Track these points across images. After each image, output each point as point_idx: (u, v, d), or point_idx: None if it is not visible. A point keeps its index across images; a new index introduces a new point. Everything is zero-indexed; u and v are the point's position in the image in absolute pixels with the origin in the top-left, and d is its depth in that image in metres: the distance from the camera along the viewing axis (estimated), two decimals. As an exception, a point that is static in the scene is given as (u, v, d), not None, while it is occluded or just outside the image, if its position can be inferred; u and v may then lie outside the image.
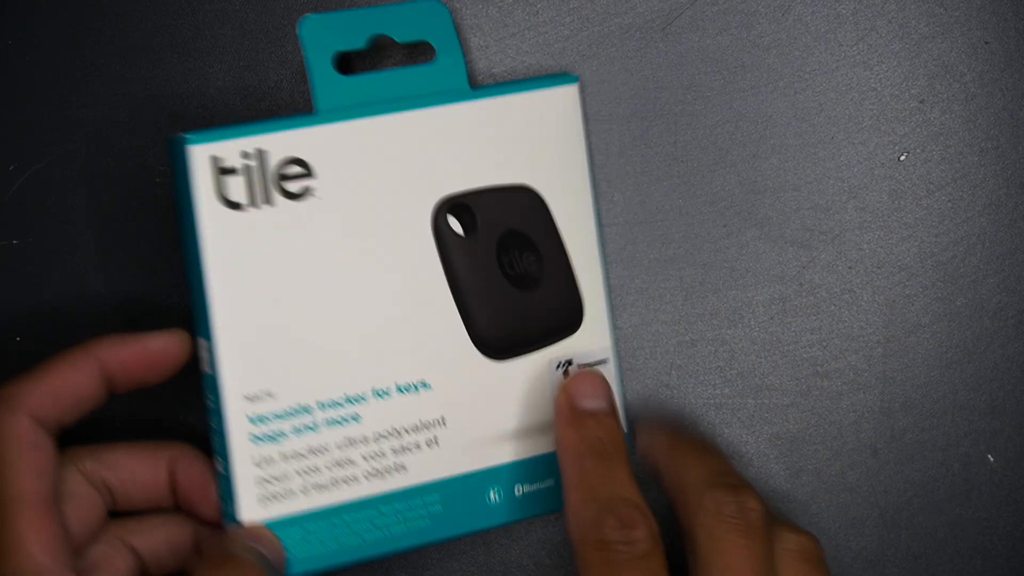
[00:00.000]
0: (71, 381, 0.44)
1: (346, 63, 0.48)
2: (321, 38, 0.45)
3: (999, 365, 0.50)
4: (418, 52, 0.49)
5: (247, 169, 0.44)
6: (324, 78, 0.46)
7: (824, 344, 0.50)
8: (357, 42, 0.46)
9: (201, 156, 0.44)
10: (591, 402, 0.46)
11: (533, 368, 0.47)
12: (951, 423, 0.50)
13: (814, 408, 0.50)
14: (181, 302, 0.50)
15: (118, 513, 0.46)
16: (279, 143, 0.44)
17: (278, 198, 0.44)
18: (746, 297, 0.50)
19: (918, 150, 0.50)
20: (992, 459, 0.50)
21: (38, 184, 0.50)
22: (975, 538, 0.50)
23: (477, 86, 0.48)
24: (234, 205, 0.44)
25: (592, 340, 0.47)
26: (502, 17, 0.50)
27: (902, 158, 0.50)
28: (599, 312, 0.47)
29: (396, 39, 0.46)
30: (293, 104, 0.50)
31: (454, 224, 0.46)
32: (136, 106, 0.50)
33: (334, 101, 0.46)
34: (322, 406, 0.44)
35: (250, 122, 0.45)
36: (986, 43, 0.50)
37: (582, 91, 0.49)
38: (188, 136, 0.44)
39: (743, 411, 0.50)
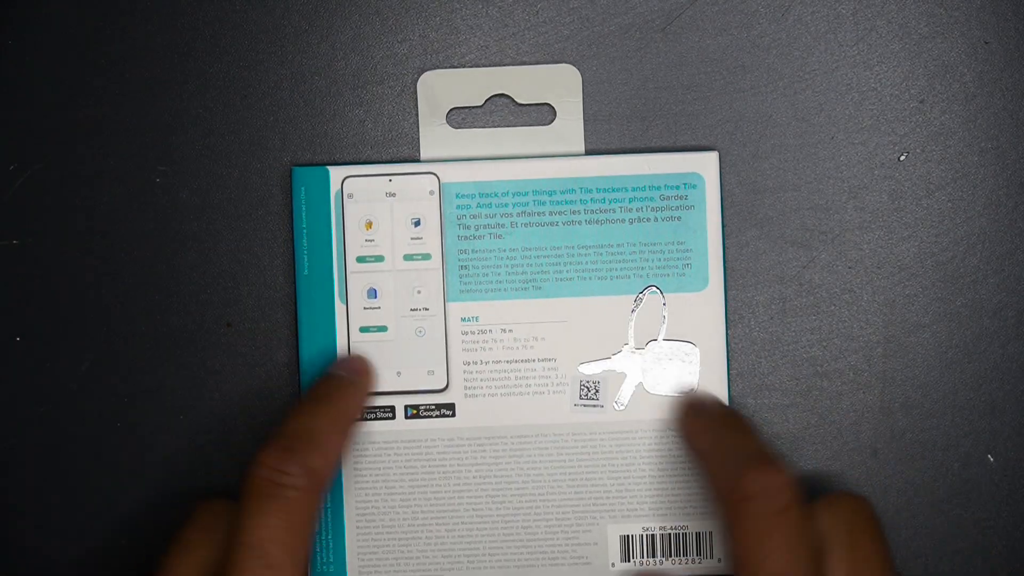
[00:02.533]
0: (342, 452, 0.47)
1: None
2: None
3: (999, 365, 0.51)
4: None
5: None
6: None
7: (824, 344, 0.50)
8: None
9: None
10: (703, 398, 0.49)
11: None
12: (951, 423, 0.51)
13: (814, 408, 0.50)
14: (180, 300, 0.50)
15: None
16: None
17: None
18: (746, 297, 0.50)
19: (918, 150, 0.50)
20: (992, 459, 0.51)
21: (38, 184, 0.50)
22: (975, 538, 0.51)
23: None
24: None
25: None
26: (502, 17, 0.50)
27: (902, 158, 0.50)
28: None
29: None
30: (293, 105, 0.50)
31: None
32: (136, 106, 0.50)
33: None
34: None
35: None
36: (986, 43, 0.50)
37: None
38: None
39: (743, 411, 0.50)
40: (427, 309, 0.49)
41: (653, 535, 0.50)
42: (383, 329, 0.50)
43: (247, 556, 0.42)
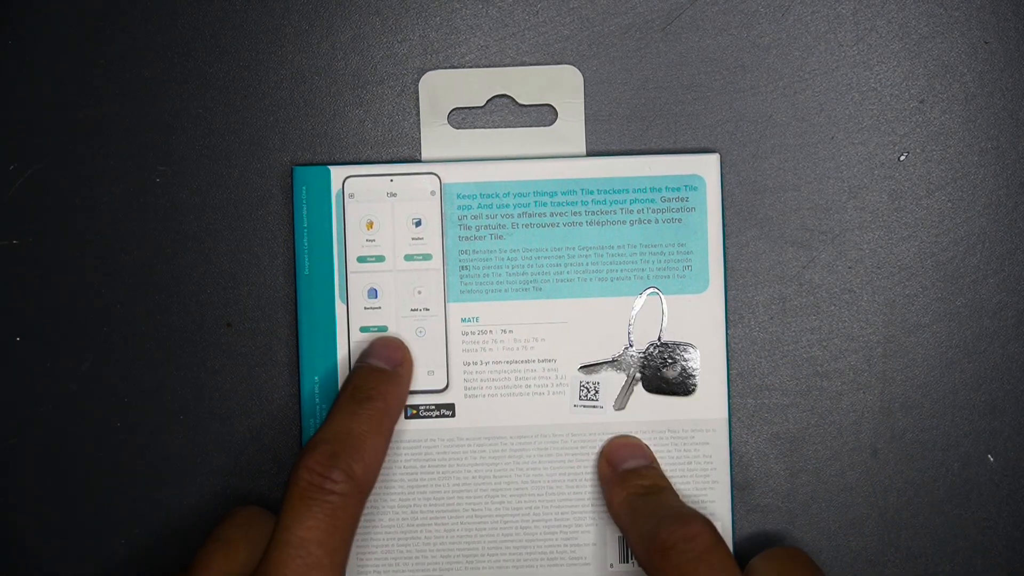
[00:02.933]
0: (384, 454, 0.46)
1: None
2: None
3: (999, 365, 0.51)
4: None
5: None
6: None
7: (824, 344, 0.50)
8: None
9: None
10: (632, 463, 0.49)
11: None
12: (951, 423, 0.51)
13: (814, 408, 0.50)
14: (180, 300, 0.50)
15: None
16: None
17: None
18: (746, 297, 0.50)
19: (918, 150, 0.50)
20: (992, 459, 0.51)
21: (38, 184, 0.50)
22: (975, 538, 0.51)
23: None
24: None
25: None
26: (502, 17, 0.50)
27: (902, 158, 0.50)
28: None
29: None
30: (293, 105, 0.50)
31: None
32: (136, 106, 0.50)
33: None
34: None
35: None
36: (986, 43, 0.50)
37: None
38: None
39: (743, 411, 0.50)
40: (427, 309, 0.49)
41: None
42: (383, 329, 0.50)
43: (289, 554, 0.42)
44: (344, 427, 0.45)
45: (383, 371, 0.48)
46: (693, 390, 0.50)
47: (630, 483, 0.48)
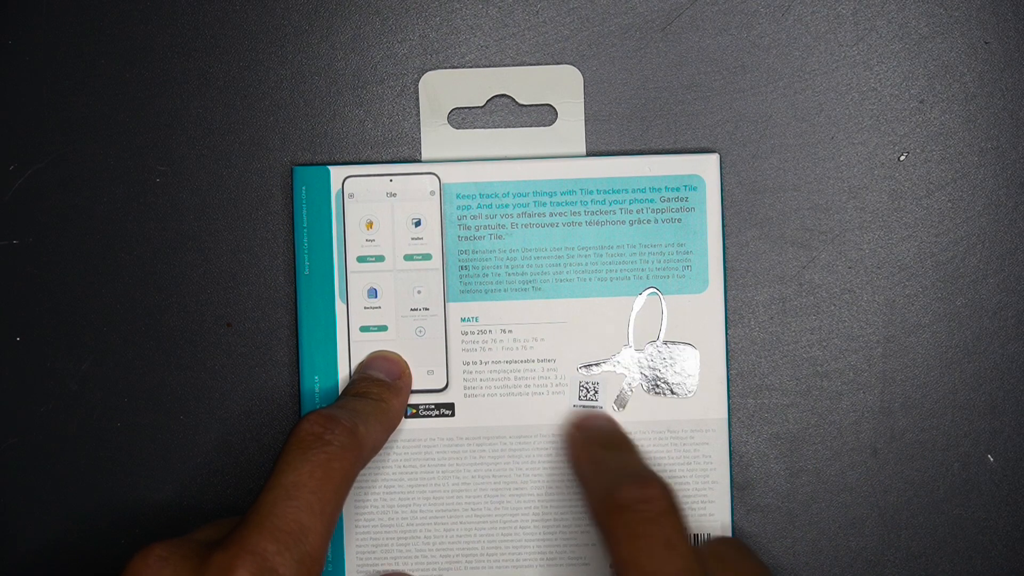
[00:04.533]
0: (382, 445, 0.47)
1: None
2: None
3: (999, 365, 0.51)
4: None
5: None
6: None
7: (824, 344, 0.50)
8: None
9: None
10: (597, 422, 0.49)
11: None
12: (951, 423, 0.51)
13: (814, 408, 0.50)
14: (180, 300, 0.50)
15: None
16: None
17: None
18: (746, 297, 0.50)
19: (918, 150, 0.51)
20: (992, 459, 0.51)
21: (38, 184, 0.50)
22: (975, 538, 0.51)
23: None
24: None
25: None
26: (502, 17, 0.50)
27: (902, 158, 0.51)
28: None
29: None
30: (293, 105, 0.50)
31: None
32: (136, 106, 0.50)
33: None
34: None
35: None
36: (986, 43, 0.50)
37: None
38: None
39: (743, 411, 0.50)
40: (427, 309, 0.50)
41: None
42: (383, 329, 0.50)
43: (280, 496, 0.42)
44: (347, 404, 0.46)
45: (383, 380, 0.49)
46: (693, 390, 0.50)
47: (591, 431, 0.48)
